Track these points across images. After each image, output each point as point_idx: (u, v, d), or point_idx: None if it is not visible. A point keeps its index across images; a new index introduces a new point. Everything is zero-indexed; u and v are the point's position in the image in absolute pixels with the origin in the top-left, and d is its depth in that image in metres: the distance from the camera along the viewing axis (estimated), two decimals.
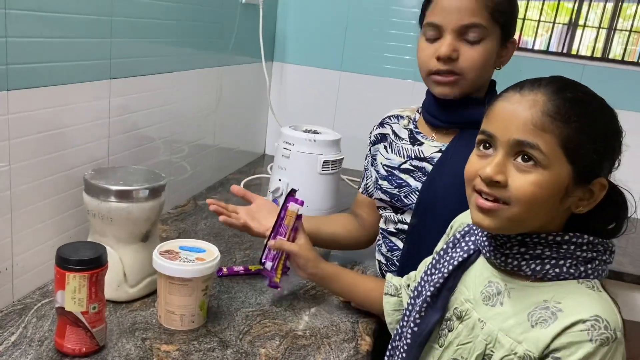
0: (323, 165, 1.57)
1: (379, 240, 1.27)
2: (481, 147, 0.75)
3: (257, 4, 1.86)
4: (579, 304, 0.70)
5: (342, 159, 1.62)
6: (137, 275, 1.08)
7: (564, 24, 2.08)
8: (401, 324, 0.89)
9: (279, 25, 2.19)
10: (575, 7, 2.03)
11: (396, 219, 1.19)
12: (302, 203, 1.12)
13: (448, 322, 0.83)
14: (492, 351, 0.75)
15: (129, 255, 1.07)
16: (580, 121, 0.69)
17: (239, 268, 1.25)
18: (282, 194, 1.59)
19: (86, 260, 0.88)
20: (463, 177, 1.06)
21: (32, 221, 1.05)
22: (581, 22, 2.04)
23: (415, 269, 1.06)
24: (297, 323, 1.09)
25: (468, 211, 0.88)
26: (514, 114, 0.70)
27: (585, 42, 2.06)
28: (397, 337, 0.89)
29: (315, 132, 1.64)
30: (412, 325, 0.85)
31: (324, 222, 1.32)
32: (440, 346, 0.83)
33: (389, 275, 1.06)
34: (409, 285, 1.00)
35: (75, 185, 1.13)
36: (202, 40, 1.61)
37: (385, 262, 1.23)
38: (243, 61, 1.91)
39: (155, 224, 1.11)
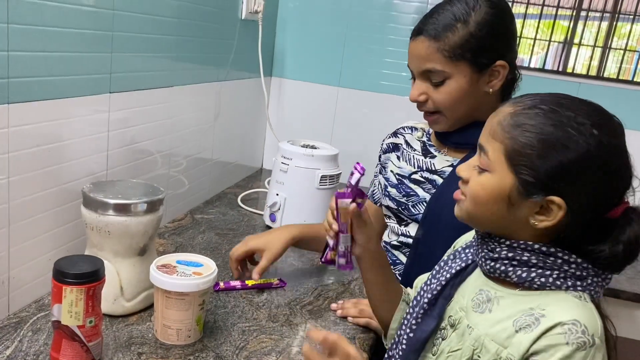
0: (321, 180, 1.57)
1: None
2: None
3: (256, 19, 1.88)
4: (561, 309, 0.72)
5: (340, 173, 1.63)
6: (134, 289, 1.08)
7: (559, 42, 2.10)
8: (398, 332, 0.90)
9: (278, 40, 2.21)
10: (571, 26, 2.05)
11: (399, 231, 1.20)
12: (354, 190, 0.89)
13: (442, 330, 0.84)
14: (478, 356, 0.76)
15: (126, 269, 1.07)
16: (529, 135, 0.71)
17: (236, 283, 1.25)
18: (279, 209, 1.59)
19: (84, 274, 0.88)
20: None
21: (29, 234, 1.05)
22: (576, 40, 2.06)
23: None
24: (293, 338, 1.09)
25: (471, 231, 0.91)
26: (488, 122, 0.79)
27: (581, 60, 2.09)
28: (394, 346, 0.90)
29: (313, 147, 1.64)
30: (408, 331, 0.86)
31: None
32: (433, 354, 0.84)
33: (407, 289, 1.05)
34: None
35: (73, 199, 1.13)
36: (201, 55, 1.62)
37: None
38: (242, 76, 1.92)
39: (152, 237, 1.11)
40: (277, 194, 1.60)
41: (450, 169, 1.16)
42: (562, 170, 0.70)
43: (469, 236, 0.93)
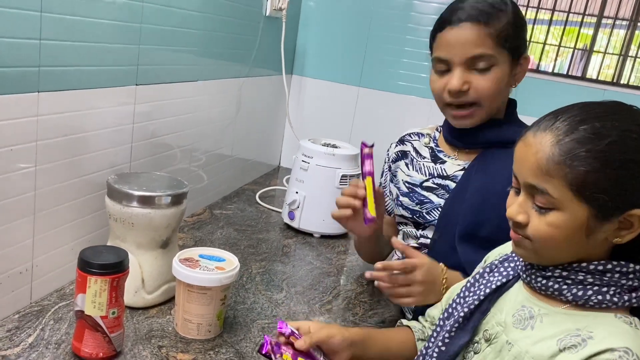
0: (341, 179, 1.57)
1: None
2: (513, 187, 0.77)
3: (280, 17, 1.88)
4: (611, 334, 0.69)
5: (360, 174, 1.62)
6: (155, 282, 1.08)
7: (579, 50, 2.09)
8: (426, 345, 0.87)
9: (300, 38, 2.20)
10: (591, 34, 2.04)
11: (418, 234, 1.19)
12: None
13: (475, 344, 0.82)
14: None
15: (148, 262, 1.06)
16: (590, 161, 0.68)
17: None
18: (298, 207, 1.59)
19: (109, 265, 0.88)
20: (484, 195, 1.07)
21: (53, 223, 1.05)
22: (597, 47, 2.04)
23: None
24: None
25: (506, 244, 0.89)
26: (525, 158, 0.72)
27: (596, 66, 2.07)
28: (421, 358, 0.87)
29: (334, 146, 1.64)
30: (439, 344, 0.84)
31: None
32: None
33: (404, 322, 1.02)
34: (433, 324, 0.98)
35: (96, 190, 1.13)
36: (225, 51, 1.62)
37: None
38: (263, 73, 1.92)
39: (175, 231, 1.11)
40: (297, 192, 1.60)
41: (462, 172, 1.15)
42: (634, 182, 0.68)
43: (502, 249, 0.91)
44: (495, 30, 1.05)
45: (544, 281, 0.75)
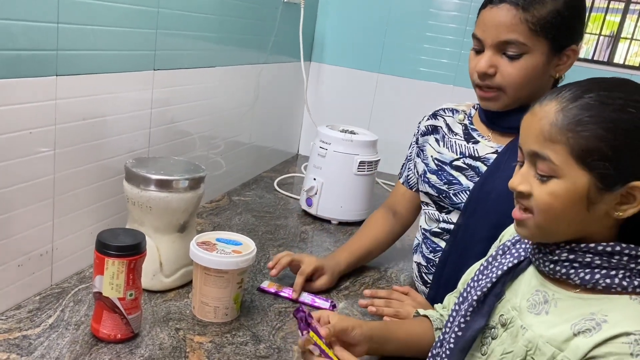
0: (359, 165, 1.56)
1: (417, 241, 1.25)
2: (518, 162, 0.76)
3: (298, 3, 1.86)
4: (627, 318, 0.67)
5: (379, 160, 1.61)
6: (173, 266, 1.08)
7: (606, 36, 2.03)
8: (444, 330, 0.86)
9: (319, 25, 2.19)
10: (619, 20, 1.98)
11: (440, 218, 1.17)
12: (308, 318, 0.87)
13: (492, 329, 0.80)
14: (532, 358, 0.73)
15: (166, 245, 1.07)
16: (593, 127, 0.67)
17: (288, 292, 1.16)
18: (316, 193, 1.58)
19: (126, 247, 0.88)
20: None
21: (73, 207, 1.06)
22: (624, 34, 1.99)
23: (455, 269, 1.04)
24: None
25: None
26: (530, 126, 0.72)
27: (623, 54, 2.02)
28: (439, 344, 0.86)
29: (352, 133, 1.63)
30: (456, 329, 0.82)
31: (359, 244, 1.32)
32: (482, 354, 0.81)
33: (421, 311, 1.02)
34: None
35: (114, 174, 1.14)
36: (243, 37, 1.61)
37: (425, 264, 1.20)
38: (281, 60, 1.91)
39: (192, 215, 1.11)
40: (315, 179, 1.59)
41: (495, 155, 1.12)
42: (637, 152, 0.67)
43: (512, 229, 0.89)
44: (534, 17, 1.01)
45: (551, 265, 0.74)
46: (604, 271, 0.70)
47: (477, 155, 1.14)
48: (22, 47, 0.88)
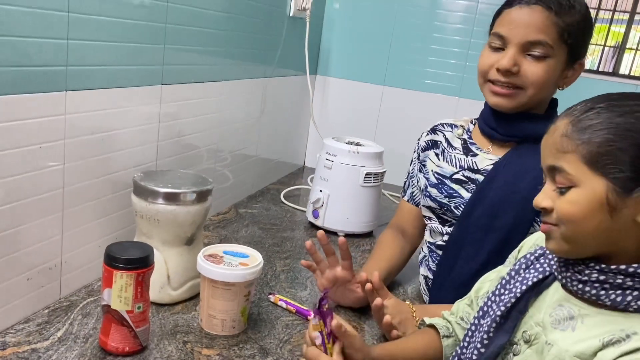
0: (365, 177, 1.56)
1: (423, 254, 1.25)
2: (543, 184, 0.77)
3: (303, 17, 1.88)
4: None
5: (385, 172, 1.61)
6: (181, 278, 1.09)
7: (610, 47, 2.04)
8: (462, 344, 0.84)
9: (324, 39, 2.21)
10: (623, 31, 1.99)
11: (444, 231, 1.17)
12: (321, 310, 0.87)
13: (514, 346, 0.79)
14: None
15: (174, 258, 1.08)
16: (602, 132, 0.67)
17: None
18: (322, 205, 1.59)
19: (134, 260, 0.89)
20: (514, 189, 1.05)
21: (81, 220, 1.07)
22: (629, 45, 1.99)
23: (450, 279, 1.04)
24: None
25: (535, 235, 0.87)
26: (546, 143, 0.74)
27: (628, 65, 2.02)
28: (456, 359, 0.85)
29: (358, 144, 1.63)
30: (478, 345, 0.80)
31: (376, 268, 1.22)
32: None
33: (427, 320, 1.00)
34: (462, 318, 0.96)
35: (123, 187, 1.15)
36: (249, 51, 1.63)
37: (432, 277, 1.20)
38: (287, 73, 1.93)
39: (200, 228, 1.12)
40: (321, 191, 1.60)
41: (492, 166, 1.13)
42: None
43: (539, 239, 0.87)
44: (564, 22, 1.03)
45: (580, 285, 0.72)
46: (635, 293, 0.68)
47: (476, 167, 1.15)
48: (32, 63, 0.89)
